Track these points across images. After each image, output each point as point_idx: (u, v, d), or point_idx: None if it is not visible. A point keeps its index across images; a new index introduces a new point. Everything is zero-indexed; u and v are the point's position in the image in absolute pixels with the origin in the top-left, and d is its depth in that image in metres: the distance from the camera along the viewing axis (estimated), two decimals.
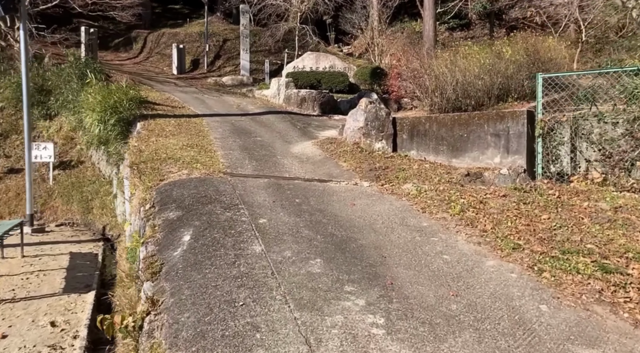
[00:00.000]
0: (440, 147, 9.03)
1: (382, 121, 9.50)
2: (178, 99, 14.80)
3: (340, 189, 7.16)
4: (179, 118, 11.93)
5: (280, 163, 8.69)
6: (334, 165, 8.68)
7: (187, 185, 6.67)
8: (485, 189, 7.20)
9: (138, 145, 9.55)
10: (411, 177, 7.95)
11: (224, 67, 21.79)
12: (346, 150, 9.53)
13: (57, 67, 16.14)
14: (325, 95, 15.93)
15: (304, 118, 14.13)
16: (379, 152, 9.33)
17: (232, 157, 8.67)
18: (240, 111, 14.00)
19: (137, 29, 25.46)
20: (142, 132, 10.52)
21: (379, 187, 7.40)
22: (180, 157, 8.44)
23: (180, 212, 5.68)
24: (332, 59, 18.08)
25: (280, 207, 6.01)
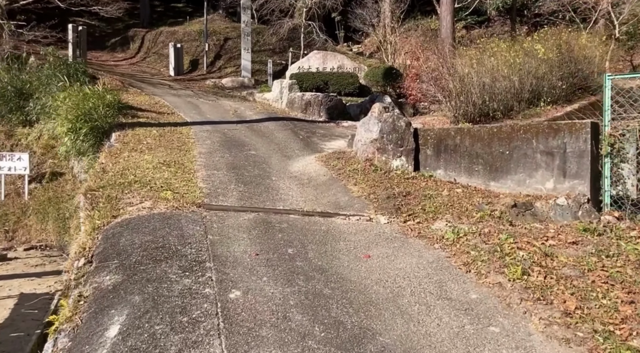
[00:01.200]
0: (475, 166, 7.17)
1: (401, 133, 7.66)
2: (168, 104, 13.07)
3: (349, 229, 5.34)
4: (164, 127, 10.19)
5: (274, 187, 6.88)
6: (341, 190, 6.86)
7: (144, 227, 4.89)
8: (542, 229, 5.34)
9: (105, 162, 7.81)
10: (441, 208, 6.10)
11: (225, 68, 20.06)
12: (357, 168, 7.70)
13: (39, 69, 14.50)
14: (332, 98, 14.12)
15: (308, 125, 12.33)
16: (397, 172, 7.49)
17: (215, 180, 6.88)
18: (236, 118, 12.23)
19: (135, 27, 23.86)
20: (115, 145, 8.78)
21: (400, 224, 5.57)
22: (150, 180, 6.67)
23: (121, 276, 3.91)
24: (340, 59, 16.26)
25: (265, 265, 4.21)
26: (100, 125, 9.80)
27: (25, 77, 13.88)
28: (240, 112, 13.17)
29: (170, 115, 11.80)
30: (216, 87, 17.52)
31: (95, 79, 15.11)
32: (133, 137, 9.19)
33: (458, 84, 10.82)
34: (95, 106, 10.08)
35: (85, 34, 16.93)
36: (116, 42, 23.50)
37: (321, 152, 9.32)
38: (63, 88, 11.28)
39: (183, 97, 14.59)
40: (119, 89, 14.37)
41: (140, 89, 14.84)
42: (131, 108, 11.75)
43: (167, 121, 10.96)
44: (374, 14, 20.74)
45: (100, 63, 20.48)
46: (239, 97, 16.07)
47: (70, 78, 13.29)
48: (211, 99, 14.89)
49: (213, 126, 10.90)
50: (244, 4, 17.74)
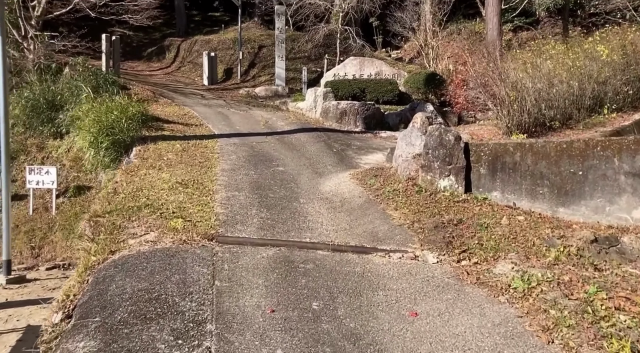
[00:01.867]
0: (539, 188, 6.00)
1: (449, 149, 6.57)
2: (197, 115, 12.42)
3: (390, 272, 4.32)
4: (188, 140, 9.47)
5: (302, 212, 5.95)
6: (379, 216, 5.85)
7: (141, 269, 4.05)
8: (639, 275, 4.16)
9: (120, 181, 7.10)
10: (502, 241, 4.99)
11: (259, 76, 19.42)
12: (397, 189, 6.66)
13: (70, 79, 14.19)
14: (369, 107, 13.11)
15: (343, 136, 11.37)
16: (445, 194, 6.40)
17: (234, 204, 6.01)
18: (266, 129, 11.41)
19: (171, 37, 23.66)
20: (134, 162, 8.10)
21: (453, 264, 4.51)
22: (163, 203, 5.88)
23: (97, 342, 3.04)
24: (378, 65, 15.25)
25: (281, 328, 3.26)
26: (122, 139, 9.18)
27: (57, 88, 13.59)
28: (272, 122, 12.36)
29: (197, 127, 11.11)
30: (249, 97, 16.85)
31: (126, 89, 14.71)
32: (154, 152, 8.49)
33: (511, 90, 9.60)
34: (118, 119, 9.49)
35: (119, 43, 16.63)
36: (152, 52, 23.36)
37: (356, 167, 8.34)
38: (87, 99, 10.79)
39: (214, 107, 13.95)
40: (149, 100, 13.88)
41: (171, 99, 14.31)
42: (158, 120, 11.15)
43: (194, 133, 10.25)
44: (414, 17, 19.63)
45: (136, 73, 20.27)
46: (272, 106, 15.31)
47: (99, 88, 12.91)
48: (243, 109, 14.18)
49: (241, 138, 10.11)
50: (278, 10, 17.03)
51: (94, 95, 12.43)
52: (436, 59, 16.30)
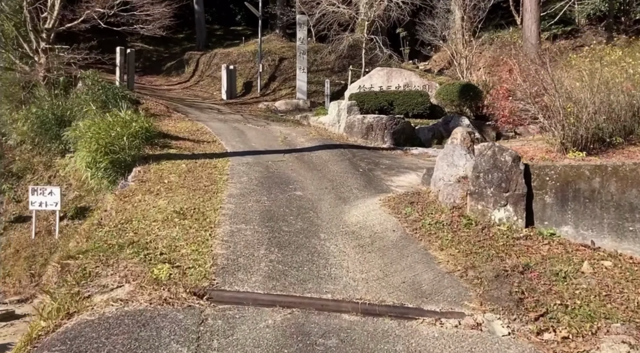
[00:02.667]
0: (628, 224, 4.64)
1: (505, 172, 5.27)
2: (211, 130, 11.40)
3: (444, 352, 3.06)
4: (196, 160, 8.40)
5: (322, 253, 4.73)
6: (421, 258, 4.58)
7: (97, 347, 2.90)
8: None
9: (109, 209, 6.03)
10: (593, 300, 3.66)
11: (279, 89, 18.44)
12: (440, 221, 5.39)
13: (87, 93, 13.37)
14: (398, 121, 11.87)
15: (369, 154, 10.15)
16: (501, 228, 5.10)
17: (239, 241, 4.84)
18: (285, 146, 10.28)
19: (191, 51, 23.00)
20: (130, 185, 7.04)
21: (533, 340, 3.20)
22: (151, 241, 4.75)
23: None
24: (407, 76, 14.04)
25: None
26: (123, 159, 8.18)
27: (66, 103, 12.79)
28: (291, 138, 11.24)
29: (209, 144, 10.06)
30: (268, 111, 15.83)
31: (139, 104, 13.87)
32: (155, 174, 7.43)
33: (565, 101, 8.24)
34: (119, 136, 8.51)
35: (133, 56, 15.91)
36: (171, 66, 22.71)
37: (387, 191, 7.09)
38: (89, 115, 9.89)
39: (230, 122, 12.93)
40: (161, 115, 12.98)
41: (185, 114, 13.38)
42: (166, 136, 10.15)
43: (203, 151, 9.19)
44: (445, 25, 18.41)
45: (153, 87, 19.56)
46: (292, 121, 14.22)
47: (107, 103, 12.07)
48: (260, 124, 13.13)
49: (256, 157, 8.99)
50: (300, 19, 16.06)
51: (103, 110, 11.62)
52: (469, 69, 15.00)
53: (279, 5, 20.60)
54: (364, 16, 15.14)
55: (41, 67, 13.87)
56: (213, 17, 32.30)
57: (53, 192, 10.57)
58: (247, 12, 32.34)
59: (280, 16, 20.49)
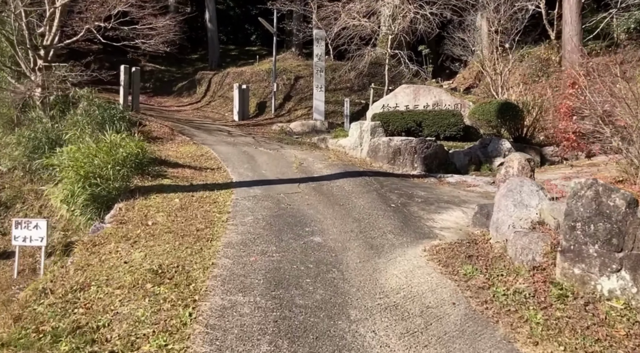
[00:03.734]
0: None
1: (616, 221, 3.63)
2: (217, 156, 9.96)
3: None
4: (193, 193, 6.91)
5: (354, 347, 3.13)
6: None
7: None
8: None
9: (67, 266, 4.54)
10: None
11: (295, 110, 17.05)
12: (519, 290, 3.75)
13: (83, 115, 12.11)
14: (430, 144, 10.28)
15: (399, 183, 8.56)
16: (615, 305, 3.44)
17: (231, 326, 3.26)
18: (300, 173, 8.76)
19: (203, 71, 21.88)
20: (106, 228, 5.55)
21: None
22: (106, 324, 3.22)
23: None
24: (436, 94, 12.50)
25: None
26: (106, 192, 6.73)
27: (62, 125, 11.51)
28: (307, 164, 9.71)
29: (212, 171, 8.59)
30: (283, 133, 14.40)
31: (141, 126, 12.57)
32: (139, 213, 5.95)
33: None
34: (104, 164, 7.09)
35: (139, 75, 14.72)
36: (183, 87, 21.59)
37: (431, 236, 5.47)
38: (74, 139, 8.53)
39: (239, 146, 11.49)
40: (164, 138, 11.63)
41: (191, 137, 11.99)
42: (163, 163, 8.72)
43: (204, 181, 7.71)
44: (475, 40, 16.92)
45: (162, 108, 18.36)
46: (308, 144, 12.73)
47: (104, 125, 10.76)
48: (273, 147, 11.66)
49: (265, 188, 7.47)
50: (317, 34, 14.73)
51: (99, 133, 10.31)
52: (504, 87, 13.40)
53: (294, 21, 19.37)
54: (387, 30, 13.71)
55: (37, 86, 12.70)
56: (228, 37, 31.44)
57: (39, 225, 9.09)
58: (263, 32, 31.40)
59: (296, 33, 19.23)
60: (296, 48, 20.77)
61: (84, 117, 10.92)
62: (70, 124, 11.12)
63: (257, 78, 18.78)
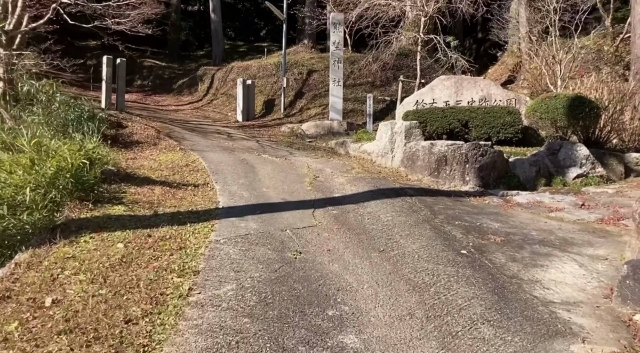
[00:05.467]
0: None
1: None
2: (205, 166, 7.46)
3: None
4: (154, 228, 4.42)
5: None
6: None
7: None
8: None
9: None
10: None
11: (307, 108, 14.55)
12: None
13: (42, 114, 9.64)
14: (486, 150, 7.67)
15: (454, 205, 5.99)
16: None
17: None
18: (315, 191, 6.23)
19: (206, 66, 19.46)
20: None
21: None
22: None
23: None
24: (484, 86, 9.87)
25: None
26: (17, 229, 4.26)
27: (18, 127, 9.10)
28: (324, 178, 7.17)
29: (194, 190, 6.09)
30: (293, 135, 11.89)
31: (121, 127, 10.15)
32: (45, 274, 3.45)
33: None
34: (24, 183, 4.63)
35: (125, 68, 12.30)
36: (183, 84, 19.20)
37: (556, 327, 2.91)
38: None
39: (238, 152, 8.98)
40: (144, 143, 9.18)
41: (179, 141, 9.52)
42: (127, 179, 6.24)
43: (176, 208, 5.20)
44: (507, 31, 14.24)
45: (158, 107, 15.97)
46: (324, 149, 10.20)
47: (67, 127, 8.36)
48: (281, 153, 9.15)
49: (264, 218, 4.94)
50: (334, 18, 12.18)
51: (63, 137, 7.93)
52: (565, 80, 10.70)
53: (308, 6, 16.81)
54: (418, 12, 11.10)
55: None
56: (236, 32, 29.07)
57: None
58: (273, 26, 28.94)
59: (309, 21, 16.68)
60: (309, 39, 18.23)
61: (44, 116, 8.50)
62: (26, 126, 8.72)
63: (264, 73, 16.28)
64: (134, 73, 21.06)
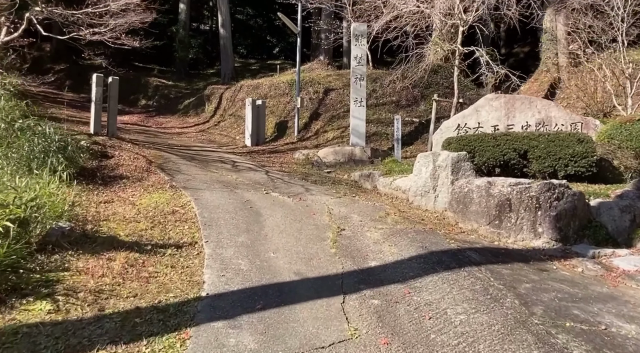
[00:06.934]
0: None
1: None
2: (197, 213, 5.67)
3: None
4: (81, 348, 2.61)
5: None
6: None
7: None
8: None
9: None
10: None
11: (324, 131, 12.80)
12: None
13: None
14: (562, 192, 5.74)
15: (541, 280, 4.08)
16: None
17: None
18: (342, 259, 4.39)
19: (214, 85, 17.88)
20: None
21: None
22: None
23: None
24: (541, 107, 7.98)
25: None
26: None
27: None
28: (352, 231, 5.31)
29: (174, 258, 4.27)
30: (308, 163, 10.09)
31: (106, 158, 8.44)
32: None
33: None
34: None
35: (117, 88, 10.67)
36: (190, 104, 17.62)
37: None
38: None
39: (242, 189, 7.17)
40: (129, 178, 7.42)
41: (172, 175, 7.75)
42: (84, 240, 4.45)
43: (133, 302, 3.36)
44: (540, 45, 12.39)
45: (159, 130, 14.34)
46: (347, 183, 8.34)
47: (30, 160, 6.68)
48: (295, 190, 7.31)
49: (267, 323, 3.08)
50: (356, 29, 10.47)
51: (28, 173, 6.31)
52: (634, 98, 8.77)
53: (324, 18, 15.14)
54: (457, 20, 9.30)
55: None
56: (248, 50, 27.66)
57: None
58: (286, 43, 27.46)
59: (325, 35, 15.00)
60: (325, 55, 16.55)
61: (4, 149, 6.83)
62: None
63: (276, 92, 14.58)
64: (138, 92, 19.60)
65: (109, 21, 7.52)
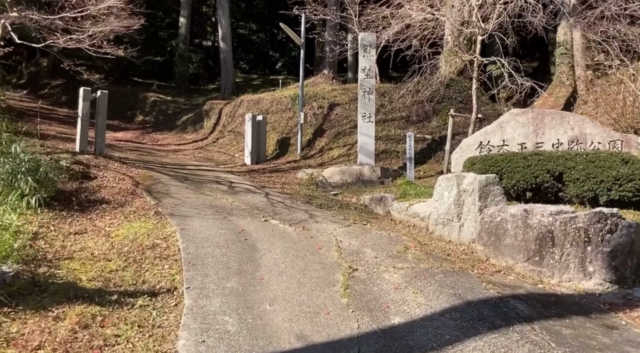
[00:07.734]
0: None
1: None
2: (181, 249, 4.75)
3: None
4: None
5: None
6: None
7: None
8: None
9: None
10: None
11: (329, 149, 11.93)
12: None
13: None
14: (615, 223, 4.80)
15: (614, 345, 3.09)
16: None
17: None
18: (355, 314, 3.45)
19: (214, 100, 17.09)
20: None
21: None
22: None
23: None
24: (574, 123, 7.07)
25: None
26: None
27: None
28: (366, 272, 4.36)
29: (142, 314, 3.33)
30: (312, 184, 9.17)
31: (88, 180, 7.54)
32: None
33: None
34: None
35: (106, 102, 9.85)
36: (188, 120, 16.80)
37: None
38: None
39: (237, 215, 6.26)
40: (109, 202, 6.51)
41: (159, 199, 6.84)
42: (30, 291, 3.52)
43: None
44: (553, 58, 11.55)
45: (154, 148, 13.51)
46: (356, 207, 7.41)
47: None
48: (297, 216, 6.39)
49: None
50: (364, 39, 9.66)
51: None
52: None
53: (328, 30, 14.38)
54: (477, 28, 8.48)
55: None
56: (250, 65, 26.97)
57: None
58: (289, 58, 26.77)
59: (330, 47, 14.23)
60: (329, 69, 15.77)
61: None
62: None
63: (278, 107, 13.76)
64: (135, 108, 18.86)
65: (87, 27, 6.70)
